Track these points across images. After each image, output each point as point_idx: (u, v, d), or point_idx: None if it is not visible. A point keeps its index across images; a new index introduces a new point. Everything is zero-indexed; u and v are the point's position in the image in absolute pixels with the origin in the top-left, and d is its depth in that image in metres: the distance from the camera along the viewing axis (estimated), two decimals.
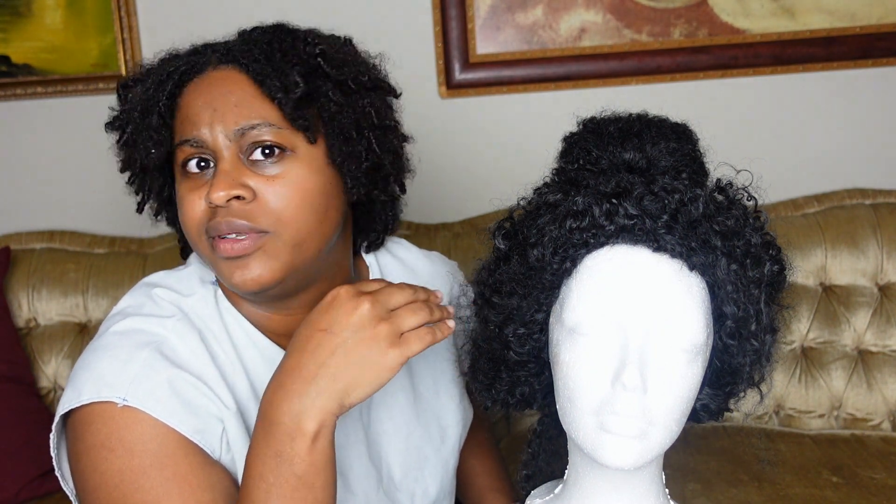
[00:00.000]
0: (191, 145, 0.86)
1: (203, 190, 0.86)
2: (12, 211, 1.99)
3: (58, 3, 1.90)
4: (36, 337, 1.80)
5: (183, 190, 0.88)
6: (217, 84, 0.87)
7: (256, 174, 0.85)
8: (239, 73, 0.87)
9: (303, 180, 0.86)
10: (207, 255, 0.89)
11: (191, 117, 0.87)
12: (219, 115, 0.85)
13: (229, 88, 0.87)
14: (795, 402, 1.72)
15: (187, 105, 0.88)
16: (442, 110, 1.90)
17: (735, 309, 0.75)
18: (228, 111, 0.85)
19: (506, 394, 0.87)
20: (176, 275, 0.97)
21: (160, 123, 0.88)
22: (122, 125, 0.93)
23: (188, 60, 0.90)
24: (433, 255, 1.17)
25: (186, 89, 0.89)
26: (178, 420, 0.82)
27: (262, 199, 0.85)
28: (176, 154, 0.89)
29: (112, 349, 0.86)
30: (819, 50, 1.84)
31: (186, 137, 0.87)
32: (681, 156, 0.79)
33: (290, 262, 0.87)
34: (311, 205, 0.87)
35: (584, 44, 1.86)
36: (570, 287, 0.75)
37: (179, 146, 0.88)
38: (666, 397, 0.72)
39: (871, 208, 1.77)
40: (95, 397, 0.82)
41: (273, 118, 0.86)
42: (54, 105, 1.96)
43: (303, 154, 0.87)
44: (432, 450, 1.05)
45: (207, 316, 0.92)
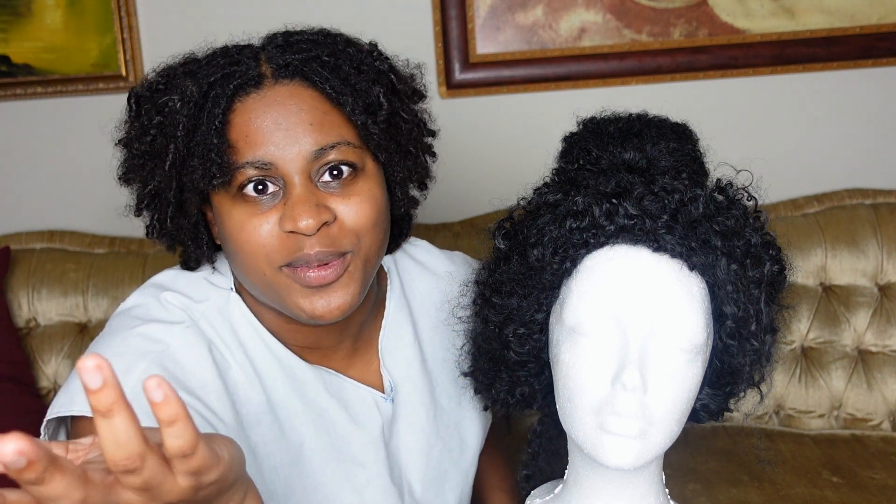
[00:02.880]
0: (256, 167, 0.79)
1: (269, 215, 0.80)
2: (12, 211, 1.99)
3: (58, 3, 1.90)
4: (36, 337, 1.80)
5: (241, 215, 0.81)
6: (284, 102, 0.81)
7: (331, 194, 0.82)
8: (307, 88, 0.82)
9: (374, 196, 0.84)
10: (277, 284, 0.82)
11: (254, 137, 0.80)
12: (292, 135, 0.79)
13: (300, 107, 0.81)
14: (795, 402, 1.72)
15: (247, 123, 0.80)
16: (442, 110, 1.89)
17: (735, 309, 0.75)
18: (303, 131, 0.80)
19: (506, 394, 0.87)
20: (188, 277, 0.93)
21: (222, 145, 0.79)
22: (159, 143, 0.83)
23: (234, 70, 0.82)
24: (456, 256, 1.13)
25: (241, 105, 0.81)
26: None
27: (342, 219, 0.82)
28: (234, 177, 0.80)
29: (112, 356, 0.82)
30: (819, 50, 1.84)
31: (250, 159, 0.79)
32: (681, 156, 0.79)
33: (364, 280, 0.84)
34: (381, 220, 0.85)
35: (584, 44, 1.86)
36: (570, 287, 0.75)
37: (240, 168, 0.80)
38: (666, 397, 0.71)
39: (871, 208, 1.77)
40: (87, 411, 0.79)
41: (349, 136, 0.82)
42: (54, 105, 1.96)
43: (370, 171, 0.85)
44: (452, 464, 1.03)
45: (219, 324, 0.89)
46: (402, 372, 0.99)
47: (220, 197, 0.83)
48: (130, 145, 0.86)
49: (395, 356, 0.99)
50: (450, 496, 1.03)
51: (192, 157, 0.81)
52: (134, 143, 0.85)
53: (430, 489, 1.00)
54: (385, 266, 1.04)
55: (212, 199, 0.85)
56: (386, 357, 0.99)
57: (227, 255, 0.88)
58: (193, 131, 0.81)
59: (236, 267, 0.87)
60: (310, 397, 0.92)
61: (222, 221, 0.84)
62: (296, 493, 0.90)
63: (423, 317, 1.03)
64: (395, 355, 0.99)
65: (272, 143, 0.79)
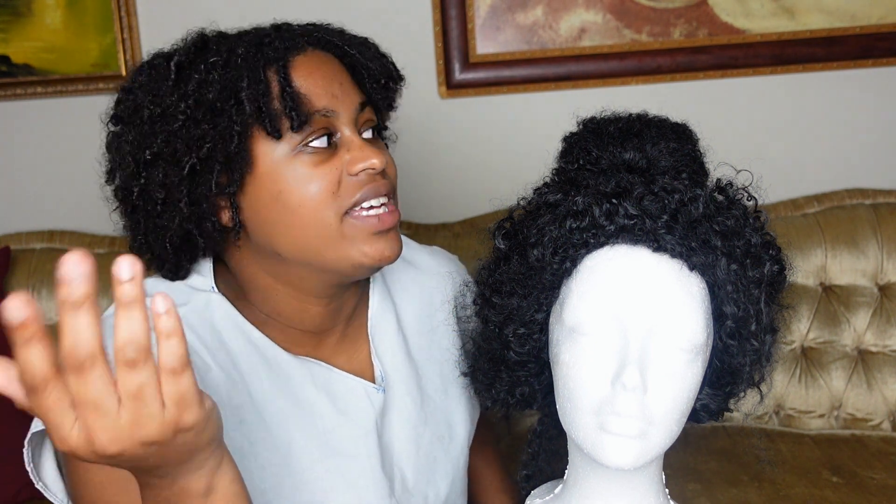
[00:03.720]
0: (323, 115, 0.84)
1: (333, 164, 0.85)
2: (12, 211, 1.99)
3: (58, 3, 1.90)
4: None
5: (305, 167, 0.84)
6: (326, 63, 0.88)
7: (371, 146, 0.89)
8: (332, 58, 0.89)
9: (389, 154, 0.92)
10: (339, 232, 0.85)
11: (314, 89, 0.85)
12: (345, 88, 0.87)
13: (336, 69, 0.88)
14: (795, 402, 1.72)
15: (304, 77, 0.85)
16: (442, 110, 1.90)
17: (735, 309, 0.75)
18: (350, 86, 0.88)
19: (506, 394, 0.87)
20: (167, 283, 0.93)
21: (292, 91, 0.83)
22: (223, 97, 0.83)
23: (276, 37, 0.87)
24: (435, 251, 1.15)
25: (293, 63, 0.85)
26: None
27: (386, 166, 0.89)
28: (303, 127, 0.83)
29: None
30: (819, 50, 1.84)
31: (318, 108, 0.84)
32: (681, 156, 0.79)
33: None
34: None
35: (584, 44, 1.86)
36: (571, 287, 0.75)
37: (313, 116, 0.84)
38: (666, 397, 0.71)
39: (871, 208, 1.77)
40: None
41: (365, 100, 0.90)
42: (54, 105, 1.96)
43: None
44: (442, 451, 1.03)
45: (199, 326, 0.89)
46: (389, 360, 1.00)
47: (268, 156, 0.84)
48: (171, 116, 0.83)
49: (383, 344, 1.00)
50: (441, 484, 1.03)
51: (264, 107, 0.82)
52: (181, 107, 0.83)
53: (422, 477, 1.00)
54: None
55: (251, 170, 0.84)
56: (377, 344, 1.00)
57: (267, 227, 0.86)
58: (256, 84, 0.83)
59: (289, 231, 0.85)
60: (296, 392, 0.92)
61: (276, 183, 0.84)
62: (286, 490, 0.90)
63: (405, 307, 1.04)
64: (383, 343, 1.00)
65: (332, 94, 0.86)
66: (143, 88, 0.86)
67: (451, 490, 1.05)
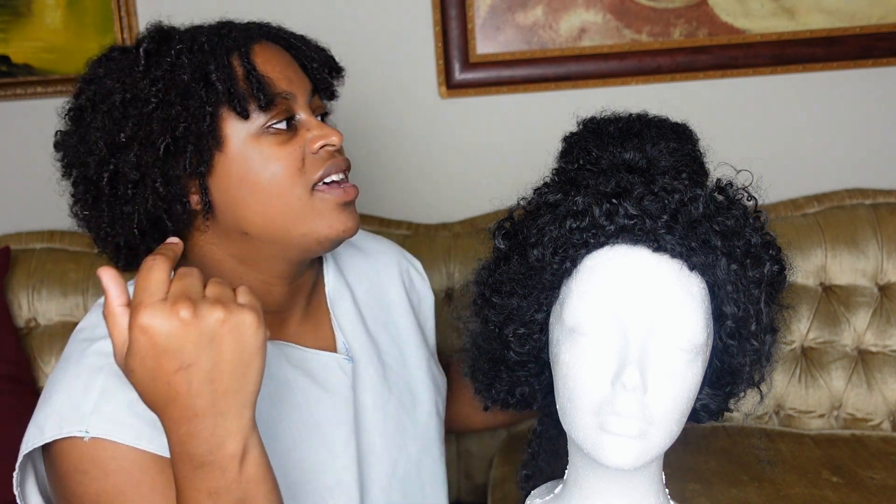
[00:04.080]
0: (284, 98, 0.89)
1: (295, 143, 0.90)
2: (12, 211, 1.98)
3: (58, 3, 1.90)
4: (36, 337, 1.80)
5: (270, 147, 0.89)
6: (281, 52, 0.93)
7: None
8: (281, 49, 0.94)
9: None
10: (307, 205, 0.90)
11: (272, 74, 0.89)
12: (300, 74, 0.93)
13: (289, 58, 0.94)
14: (795, 402, 1.72)
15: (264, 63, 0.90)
16: (442, 110, 1.90)
17: (735, 309, 0.75)
18: (300, 76, 0.93)
19: (506, 394, 0.87)
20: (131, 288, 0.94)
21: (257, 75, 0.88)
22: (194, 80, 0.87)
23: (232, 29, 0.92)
24: (377, 237, 1.23)
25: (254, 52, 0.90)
26: (146, 440, 0.81)
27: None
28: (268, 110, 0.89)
29: (69, 379, 0.85)
30: (819, 50, 1.84)
31: (278, 90, 0.89)
32: (681, 156, 0.79)
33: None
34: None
35: (584, 44, 1.86)
36: (571, 287, 0.75)
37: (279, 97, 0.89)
38: (666, 397, 0.72)
39: (871, 208, 1.77)
40: (57, 435, 0.81)
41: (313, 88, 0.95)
42: (54, 105, 1.95)
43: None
44: (407, 416, 1.07)
45: None
46: (349, 332, 1.05)
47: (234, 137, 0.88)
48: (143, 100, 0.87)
49: (343, 317, 1.06)
50: (411, 448, 1.06)
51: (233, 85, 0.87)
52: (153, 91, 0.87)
53: (393, 442, 1.04)
54: None
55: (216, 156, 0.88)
56: (337, 317, 1.05)
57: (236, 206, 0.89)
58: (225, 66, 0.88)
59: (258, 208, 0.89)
60: (273, 373, 0.94)
61: (244, 162, 0.88)
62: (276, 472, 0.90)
63: (357, 285, 1.10)
64: (341, 319, 1.05)
65: (289, 79, 0.91)
66: (109, 77, 0.90)
67: (423, 454, 1.08)
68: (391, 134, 1.86)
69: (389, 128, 1.84)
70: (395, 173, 1.90)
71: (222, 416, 0.70)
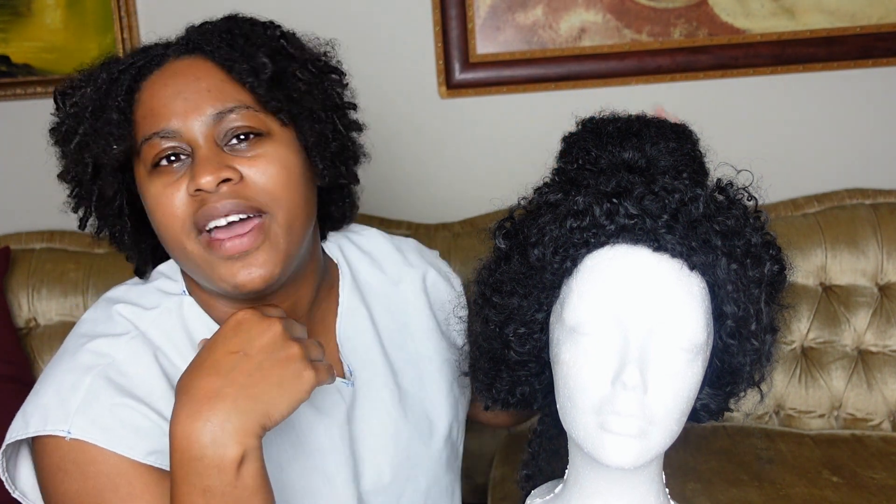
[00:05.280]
0: (161, 136, 0.83)
1: (180, 183, 0.83)
2: (12, 211, 1.98)
3: (58, 3, 1.90)
4: (36, 337, 1.80)
5: (156, 188, 0.84)
6: (183, 73, 0.85)
7: (237, 157, 0.84)
8: (204, 60, 0.86)
9: (284, 159, 0.86)
10: (198, 256, 0.84)
11: (157, 109, 0.84)
12: (191, 103, 0.83)
13: (197, 76, 0.85)
14: (795, 402, 1.72)
15: (151, 98, 0.85)
16: (442, 110, 1.90)
17: (735, 308, 0.75)
18: (201, 98, 0.84)
19: (506, 394, 0.87)
20: (139, 288, 0.95)
21: (121, 118, 0.84)
22: (69, 129, 0.88)
23: (141, 56, 0.88)
24: (404, 245, 1.13)
25: (146, 83, 0.86)
26: (126, 446, 0.81)
27: (250, 179, 0.83)
28: (143, 151, 0.85)
29: (60, 373, 0.85)
30: (819, 50, 1.84)
31: (156, 130, 0.83)
32: (680, 155, 0.79)
33: (287, 250, 0.85)
34: (296, 183, 0.86)
35: (584, 44, 1.86)
36: (571, 287, 0.75)
37: (147, 141, 0.84)
38: (666, 397, 0.72)
39: (871, 208, 1.77)
40: (41, 430, 0.82)
41: (247, 101, 0.85)
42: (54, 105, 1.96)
43: (277, 136, 0.87)
44: (421, 445, 1.03)
45: (171, 329, 0.90)
46: (361, 357, 1.00)
47: (140, 176, 0.87)
48: (54, 138, 0.91)
49: (353, 342, 1.01)
50: (421, 480, 1.02)
51: (97, 135, 0.85)
52: (53, 135, 0.91)
53: (401, 472, 1.00)
54: (332, 255, 1.05)
55: (137, 184, 0.88)
56: (344, 343, 1.00)
57: (160, 239, 0.89)
58: (100, 112, 0.85)
59: (167, 248, 0.89)
60: None
61: (144, 200, 0.87)
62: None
63: (375, 302, 1.05)
64: (353, 341, 1.01)
65: (174, 112, 0.83)
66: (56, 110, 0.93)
67: (432, 484, 1.04)
68: (391, 134, 1.86)
69: (389, 128, 1.84)
70: (395, 173, 1.90)
71: (237, 414, 0.72)
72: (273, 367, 0.75)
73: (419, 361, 1.05)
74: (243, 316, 0.77)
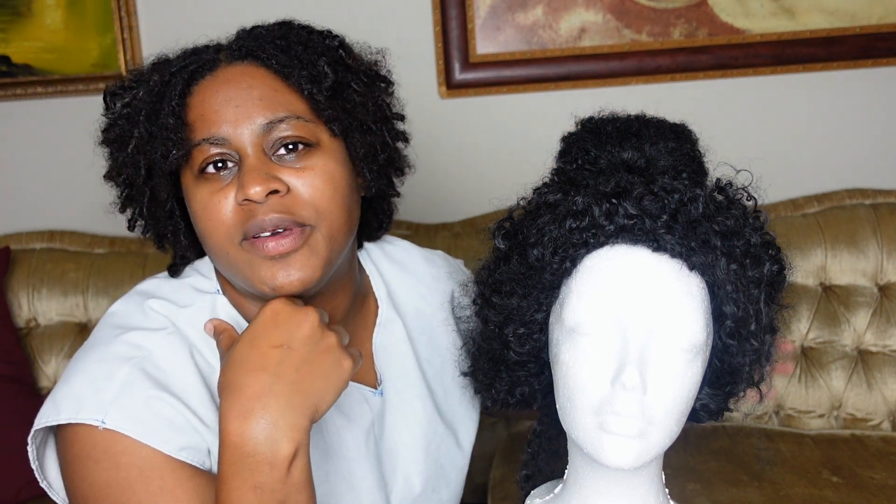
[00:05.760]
0: (211, 143, 0.83)
1: (227, 191, 0.83)
2: (12, 211, 1.99)
3: (58, 3, 1.90)
4: (36, 337, 1.80)
5: (203, 193, 0.84)
6: (235, 80, 0.84)
7: (285, 167, 0.83)
8: (257, 67, 0.86)
9: (332, 172, 0.85)
10: (240, 260, 0.84)
11: (208, 115, 0.83)
12: (242, 110, 0.83)
13: (250, 83, 0.84)
14: (795, 402, 1.72)
15: (202, 103, 0.84)
16: (442, 110, 1.90)
17: (735, 309, 0.75)
18: (253, 106, 0.83)
19: (506, 394, 0.87)
20: (172, 284, 0.94)
21: (177, 123, 0.83)
22: (123, 131, 0.88)
23: (193, 59, 0.87)
24: (435, 258, 1.14)
25: (197, 87, 0.85)
26: (160, 440, 0.81)
27: (297, 191, 0.83)
28: (192, 156, 0.84)
29: (94, 362, 0.85)
30: (819, 50, 1.84)
31: (205, 136, 0.83)
32: (680, 155, 0.79)
33: (327, 257, 0.85)
34: (342, 196, 0.86)
35: (584, 44, 1.86)
36: (570, 287, 0.75)
37: (197, 146, 0.83)
38: (666, 397, 0.72)
39: (871, 208, 1.77)
40: (74, 418, 0.81)
41: (300, 111, 0.84)
42: (54, 105, 1.96)
43: (327, 147, 0.86)
44: (449, 460, 1.04)
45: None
46: (396, 368, 1.00)
47: (187, 180, 0.86)
48: (105, 139, 0.91)
49: (389, 351, 1.01)
50: (444, 493, 1.03)
51: (153, 139, 0.84)
52: (106, 136, 0.90)
53: (430, 484, 1.01)
54: (365, 265, 1.05)
55: (182, 186, 0.88)
56: (379, 352, 1.00)
57: (201, 242, 0.89)
58: (155, 116, 0.85)
59: (208, 252, 0.89)
60: None
61: (190, 205, 0.87)
62: None
63: (408, 316, 1.05)
64: (389, 351, 1.01)
65: (225, 119, 0.83)
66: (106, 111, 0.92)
67: (453, 495, 1.06)
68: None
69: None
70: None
71: (290, 410, 0.74)
72: (316, 359, 0.77)
73: (445, 375, 1.05)
74: (278, 307, 0.79)
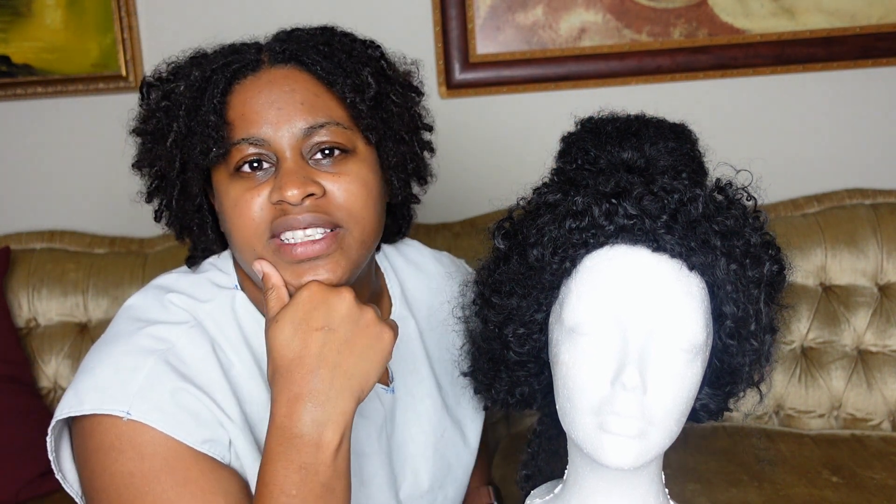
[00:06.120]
0: (250, 143, 0.84)
1: (261, 189, 0.84)
2: (12, 211, 1.99)
3: (58, 3, 1.90)
4: (36, 337, 1.80)
5: (236, 191, 0.85)
6: (278, 83, 0.85)
7: (322, 172, 0.85)
8: (300, 72, 0.87)
9: (365, 178, 0.87)
10: (266, 256, 0.85)
11: (249, 116, 0.84)
12: (284, 114, 0.84)
13: (292, 87, 0.85)
14: (795, 402, 1.72)
15: (243, 104, 0.85)
16: (442, 110, 1.89)
17: (734, 309, 0.75)
18: (294, 110, 0.84)
19: (505, 394, 0.87)
20: (190, 278, 0.95)
21: (218, 121, 0.84)
22: (162, 124, 0.88)
23: (235, 58, 0.88)
24: (443, 257, 1.17)
25: (239, 87, 0.86)
26: (185, 432, 0.81)
27: (332, 195, 0.85)
28: (230, 154, 0.85)
29: (117, 354, 0.85)
30: (819, 50, 1.84)
31: (245, 136, 0.84)
32: (679, 155, 0.79)
33: (356, 261, 0.87)
34: (374, 202, 0.88)
35: (584, 44, 1.86)
36: (570, 287, 0.75)
37: (235, 145, 0.84)
38: (665, 397, 0.72)
39: (871, 208, 1.77)
40: (98, 409, 0.81)
41: (340, 117, 0.86)
42: (54, 105, 1.96)
43: (361, 154, 0.88)
44: (455, 457, 1.05)
45: (225, 323, 0.91)
46: (408, 365, 1.02)
47: (220, 176, 0.87)
48: (140, 130, 0.91)
49: (401, 350, 1.02)
50: (450, 489, 1.05)
51: (193, 135, 0.85)
52: (142, 127, 0.91)
53: (437, 481, 1.02)
54: (380, 264, 1.07)
55: (213, 181, 0.89)
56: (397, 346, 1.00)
57: (227, 238, 0.90)
58: (195, 111, 0.86)
59: (233, 247, 0.90)
60: None
61: (221, 200, 0.88)
62: None
63: (420, 314, 1.06)
64: (401, 349, 1.02)
65: (265, 121, 0.84)
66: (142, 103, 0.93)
67: (458, 492, 1.07)
68: None
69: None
70: None
71: (335, 393, 0.76)
72: (357, 337, 0.79)
73: (454, 372, 1.06)
74: (314, 289, 0.80)
